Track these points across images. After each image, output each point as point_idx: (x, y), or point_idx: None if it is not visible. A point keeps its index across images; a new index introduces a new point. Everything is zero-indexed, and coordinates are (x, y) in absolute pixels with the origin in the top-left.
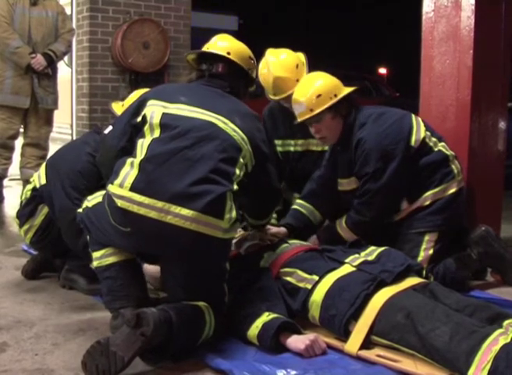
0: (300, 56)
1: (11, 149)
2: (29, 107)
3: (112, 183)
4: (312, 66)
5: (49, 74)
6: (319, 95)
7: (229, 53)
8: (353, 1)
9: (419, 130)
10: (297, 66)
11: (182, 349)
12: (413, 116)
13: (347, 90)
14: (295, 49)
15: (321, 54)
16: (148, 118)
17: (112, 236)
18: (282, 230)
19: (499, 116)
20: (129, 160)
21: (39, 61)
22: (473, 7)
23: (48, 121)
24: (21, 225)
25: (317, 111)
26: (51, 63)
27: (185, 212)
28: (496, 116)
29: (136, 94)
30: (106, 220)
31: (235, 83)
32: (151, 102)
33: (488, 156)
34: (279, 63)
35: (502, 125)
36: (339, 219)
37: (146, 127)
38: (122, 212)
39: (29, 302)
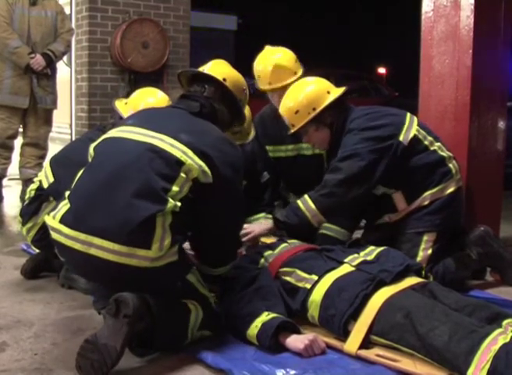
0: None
1: (10, 149)
2: (28, 107)
3: (48, 214)
4: (312, 66)
5: (48, 74)
6: (297, 111)
7: (224, 79)
8: (353, 1)
9: (410, 128)
10: (296, 61)
11: (171, 338)
12: (408, 114)
13: (329, 99)
14: (295, 49)
15: (320, 54)
16: None
17: None
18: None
19: (499, 115)
20: (67, 193)
21: (38, 61)
22: (472, 7)
23: (47, 121)
24: (24, 223)
25: (298, 126)
26: (51, 63)
27: (106, 244)
28: (496, 116)
29: (140, 93)
30: None
31: (220, 108)
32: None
33: (487, 156)
34: (280, 52)
35: (501, 125)
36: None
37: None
38: (55, 243)
39: (28, 302)
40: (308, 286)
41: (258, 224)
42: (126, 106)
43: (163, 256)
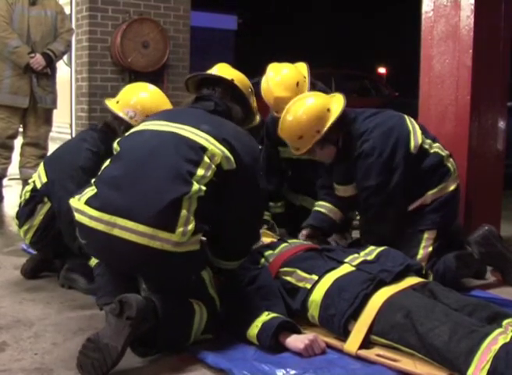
0: (302, 69)
1: (10, 149)
2: (28, 107)
3: (74, 197)
4: (312, 66)
5: (48, 74)
6: (301, 137)
7: (233, 80)
8: (353, 1)
9: (416, 136)
10: (298, 84)
11: (174, 339)
12: (407, 120)
13: (331, 119)
14: (295, 48)
15: (321, 53)
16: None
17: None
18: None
19: (499, 115)
20: (93, 180)
21: (38, 61)
22: (472, 6)
23: (48, 121)
24: (20, 225)
25: (303, 150)
26: (51, 63)
27: (130, 224)
28: (496, 116)
29: (129, 89)
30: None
31: (233, 107)
32: None
33: (487, 156)
34: (279, 82)
35: (501, 124)
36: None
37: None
38: (79, 225)
39: (28, 302)
40: (308, 286)
41: None
42: (118, 105)
43: (185, 243)
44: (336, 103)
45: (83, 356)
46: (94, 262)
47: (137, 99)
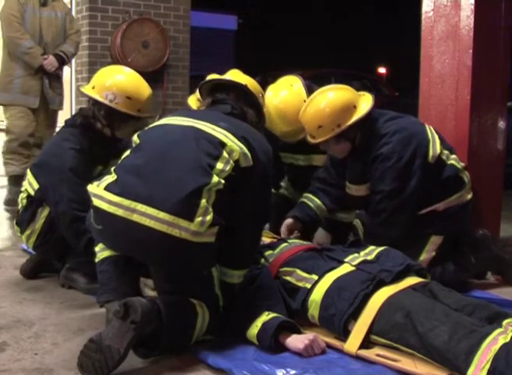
0: (297, 85)
1: (30, 147)
2: (37, 107)
3: (92, 183)
4: (312, 66)
5: (59, 75)
6: (320, 126)
7: (246, 85)
8: (354, 1)
9: (435, 145)
10: (304, 99)
11: (177, 341)
12: (428, 129)
13: (355, 117)
14: (295, 49)
15: (321, 53)
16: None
17: (94, 233)
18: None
19: (499, 115)
20: (112, 168)
21: (51, 62)
22: (472, 6)
23: (54, 122)
24: (22, 231)
25: (318, 140)
26: (62, 64)
27: (150, 211)
28: (496, 116)
29: (102, 72)
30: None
31: (247, 111)
32: None
33: (487, 155)
34: (281, 117)
35: (501, 124)
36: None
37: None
38: (96, 210)
39: (28, 302)
40: (308, 285)
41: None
42: (95, 90)
43: (202, 234)
44: (365, 102)
45: (85, 356)
46: (96, 257)
47: (114, 82)
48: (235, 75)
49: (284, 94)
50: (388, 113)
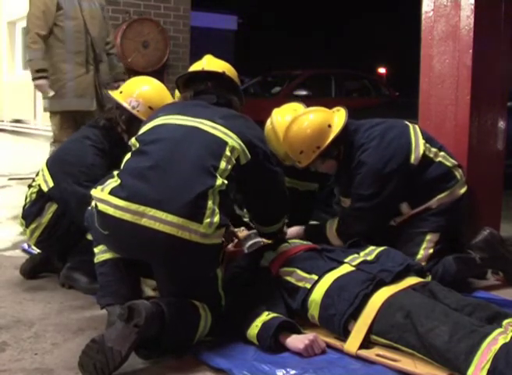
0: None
1: None
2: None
3: (96, 188)
4: (312, 65)
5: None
6: (301, 152)
7: (224, 72)
8: (354, 1)
9: (418, 146)
10: None
11: (178, 343)
12: (411, 129)
13: (331, 135)
14: (295, 48)
15: (321, 53)
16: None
17: (98, 238)
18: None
19: (499, 115)
20: (115, 172)
21: (42, 88)
22: (472, 6)
23: None
24: (27, 225)
25: (304, 164)
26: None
27: (159, 214)
28: (496, 116)
29: (133, 81)
30: (94, 222)
31: (230, 97)
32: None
33: (487, 156)
34: (288, 152)
35: (501, 124)
36: (330, 222)
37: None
38: (101, 215)
39: (28, 302)
40: (308, 285)
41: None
42: (121, 95)
43: (211, 235)
44: (338, 118)
45: (86, 356)
46: (95, 258)
47: (140, 91)
48: (212, 62)
49: (288, 117)
50: (370, 122)
